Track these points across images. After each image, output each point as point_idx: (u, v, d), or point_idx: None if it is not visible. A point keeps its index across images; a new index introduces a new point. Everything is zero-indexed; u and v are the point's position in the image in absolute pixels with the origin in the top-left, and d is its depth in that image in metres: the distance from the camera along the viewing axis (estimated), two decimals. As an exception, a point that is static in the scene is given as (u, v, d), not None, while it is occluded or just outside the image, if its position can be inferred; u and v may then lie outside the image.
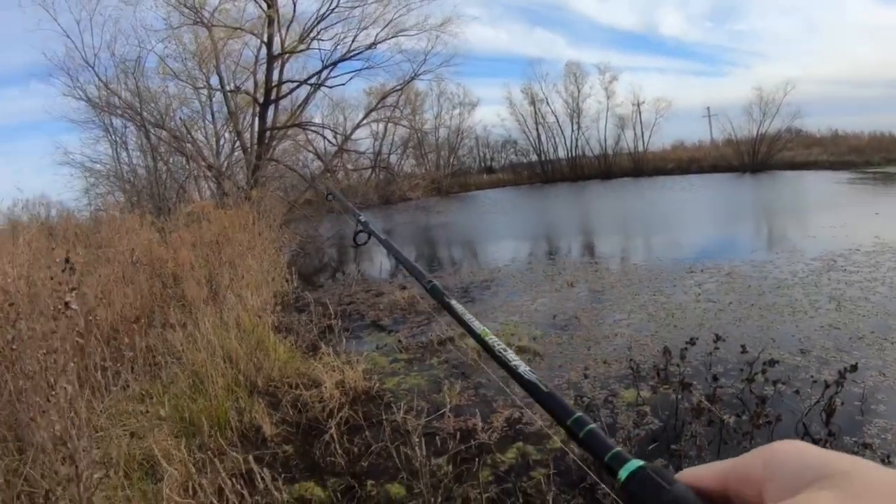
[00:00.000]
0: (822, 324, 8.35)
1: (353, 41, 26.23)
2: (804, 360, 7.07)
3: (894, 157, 45.79)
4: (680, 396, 6.09)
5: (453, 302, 0.93)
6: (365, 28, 26.34)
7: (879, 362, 6.84)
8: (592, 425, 0.60)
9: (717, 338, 7.19)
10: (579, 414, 0.61)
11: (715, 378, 6.41)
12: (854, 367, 6.12)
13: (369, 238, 1.91)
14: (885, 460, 3.97)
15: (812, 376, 6.54)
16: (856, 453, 4.52)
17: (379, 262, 17.75)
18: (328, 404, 6.29)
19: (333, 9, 24.78)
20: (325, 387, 6.52)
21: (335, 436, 5.48)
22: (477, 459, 5.03)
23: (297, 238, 19.92)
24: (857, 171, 39.74)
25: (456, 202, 39.73)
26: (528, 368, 0.76)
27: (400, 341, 8.74)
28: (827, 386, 5.84)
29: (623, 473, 0.53)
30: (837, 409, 5.38)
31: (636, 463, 0.53)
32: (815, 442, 4.74)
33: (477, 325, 0.93)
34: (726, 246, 15.74)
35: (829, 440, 4.84)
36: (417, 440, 4.91)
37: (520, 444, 5.42)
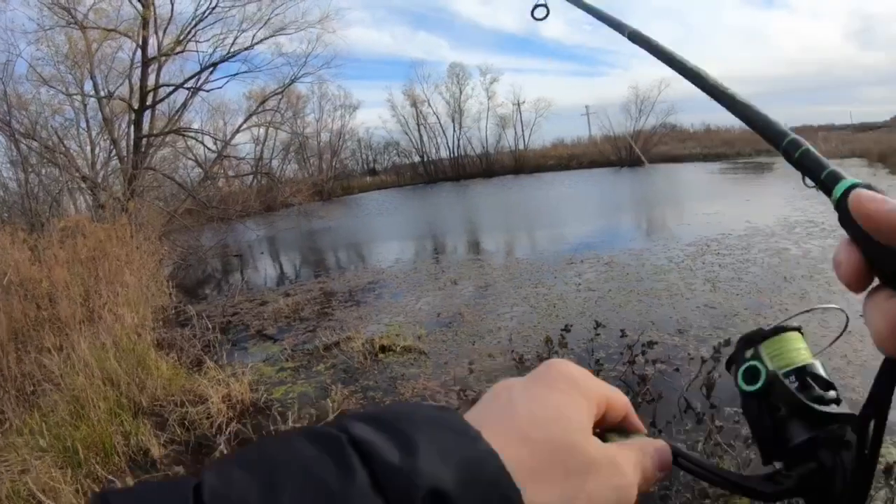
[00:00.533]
0: (699, 304, 8.82)
1: (232, 43, 25.79)
2: (682, 340, 7.44)
3: (763, 148, 47.97)
4: None
5: (659, 43, 0.93)
6: (244, 30, 25.95)
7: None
8: (807, 146, 0.60)
9: (598, 324, 7.53)
10: (793, 135, 0.62)
11: (598, 362, 6.70)
12: (727, 342, 6.56)
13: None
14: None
15: (690, 354, 6.91)
16: (737, 423, 4.85)
17: (263, 270, 17.60)
18: (216, 420, 6.21)
19: (212, 9, 24.29)
20: (212, 402, 6.42)
21: (225, 451, 5.46)
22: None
23: (177, 249, 19.38)
24: (728, 162, 41.93)
25: (339, 206, 39.53)
26: (741, 94, 0.74)
27: (286, 349, 8.66)
28: (704, 361, 6.19)
29: (839, 189, 0.53)
30: (717, 383, 5.69)
31: (853, 180, 0.53)
32: (699, 418, 5.06)
33: (687, 61, 0.88)
34: (605, 237, 16.23)
35: (711, 412, 5.09)
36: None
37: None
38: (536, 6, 1.51)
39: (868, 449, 0.55)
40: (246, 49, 26.26)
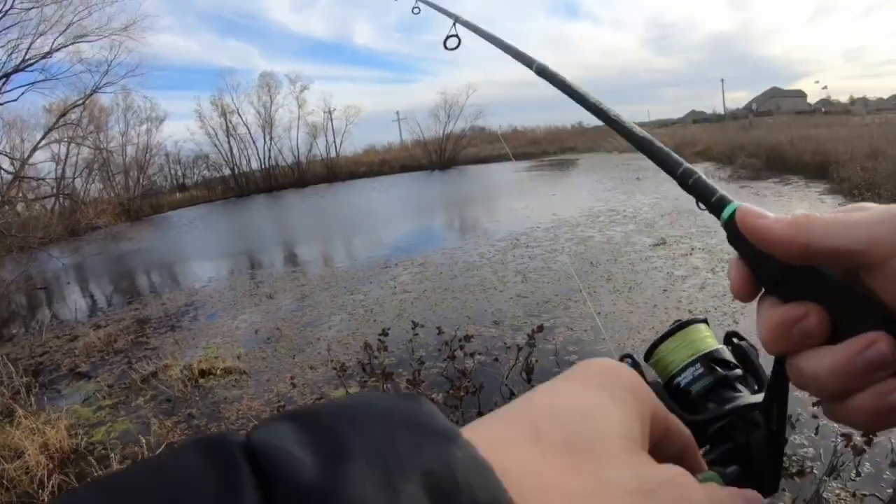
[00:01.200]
0: (511, 295, 9.38)
1: (28, 48, 24.39)
2: (498, 331, 7.91)
3: (567, 146, 51.17)
4: (387, 385, 6.43)
5: (566, 79, 0.97)
6: (42, 34, 24.57)
7: (567, 319, 7.93)
8: (699, 174, 0.62)
9: (416, 324, 7.77)
10: (686, 165, 0.65)
11: (420, 361, 6.90)
12: (540, 328, 6.90)
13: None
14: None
15: (507, 343, 7.36)
16: None
17: (72, 301, 16.86)
18: (36, 473, 5.87)
19: (7, 11, 22.75)
20: (29, 454, 6.08)
21: (51, 508, 5.30)
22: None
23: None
24: (535, 160, 43.58)
25: (149, 226, 38.25)
26: (640, 129, 0.76)
27: (102, 387, 8.40)
28: (520, 349, 6.58)
29: (727, 212, 0.55)
30: (535, 367, 6.11)
31: (738, 203, 0.54)
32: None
33: (590, 97, 0.89)
34: (418, 239, 16.68)
35: None
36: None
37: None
38: (448, 37, 1.49)
39: (775, 426, 0.61)
40: (44, 56, 25.00)
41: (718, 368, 0.72)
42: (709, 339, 0.75)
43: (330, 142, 62.46)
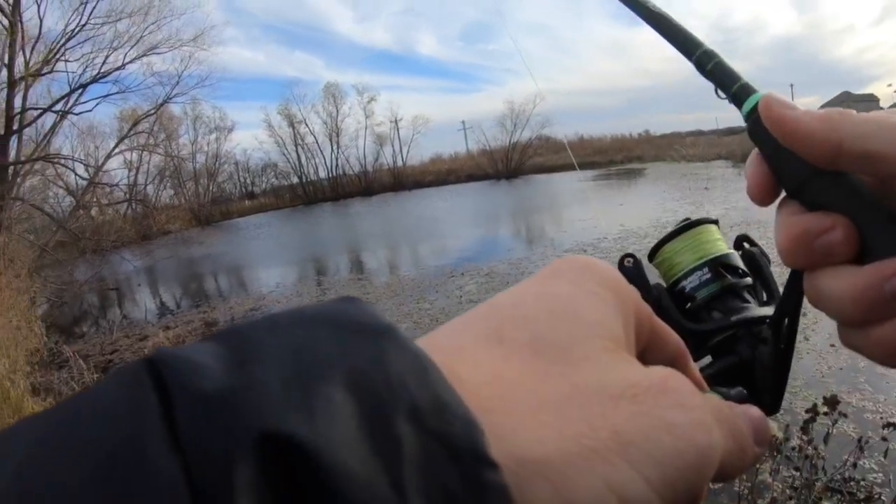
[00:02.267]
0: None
1: (102, 62, 25.08)
2: None
3: (634, 155, 50.67)
4: None
5: None
6: (115, 48, 25.27)
7: None
8: (720, 58, 0.57)
9: None
10: (707, 47, 0.58)
11: None
12: None
13: None
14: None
15: None
16: None
17: (142, 303, 17.13)
18: None
19: (83, 26, 23.56)
20: None
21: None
22: None
23: (50, 286, 18.48)
24: (602, 170, 43.21)
25: (218, 231, 38.69)
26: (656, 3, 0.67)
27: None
28: None
29: (750, 102, 0.50)
30: None
31: (761, 95, 0.49)
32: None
33: None
34: (484, 248, 16.55)
35: None
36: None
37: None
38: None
39: (783, 343, 0.57)
40: (117, 69, 25.74)
41: (727, 275, 0.68)
42: (719, 242, 0.71)
43: (396, 151, 62.84)
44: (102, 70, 25.21)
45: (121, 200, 32.28)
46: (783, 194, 0.48)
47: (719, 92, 0.56)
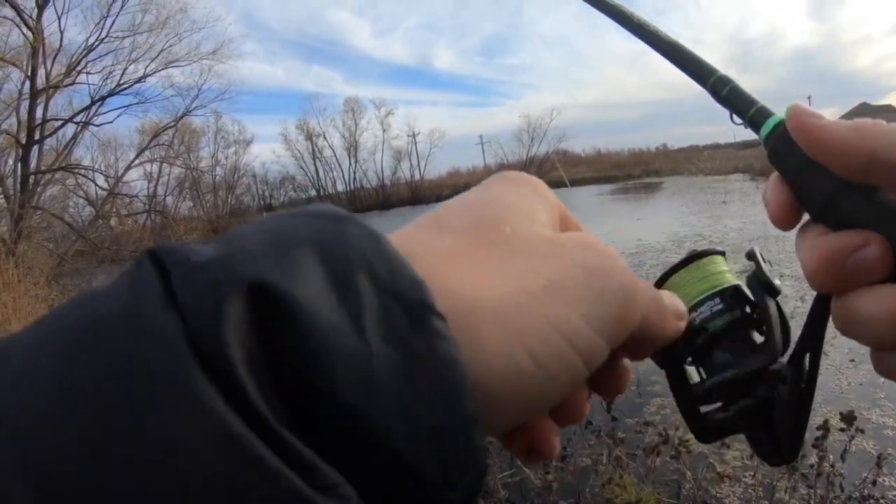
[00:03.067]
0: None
1: (122, 74, 25.29)
2: None
3: (652, 169, 50.54)
4: None
5: None
6: (135, 60, 25.50)
7: None
8: (734, 83, 0.57)
9: None
10: (720, 73, 0.59)
11: None
12: None
13: None
14: (662, 433, 4.37)
15: None
16: (639, 433, 4.99)
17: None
18: None
19: (103, 39, 23.81)
20: None
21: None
22: None
23: (69, 294, 18.52)
24: (619, 184, 43.13)
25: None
26: (666, 33, 0.69)
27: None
28: None
29: (768, 126, 0.50)
30: (617, 397, 5.86)
31: (780, 116, 0.49)
32: (598, 432, 5.19)
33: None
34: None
35: (613, 423, 5.19)
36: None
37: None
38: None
39: (804, 382, 0.54)
40: (137, 81, 25.91)
41: (738, 307, 0.63)
42: (728, 274, 0.67)
43: (414, 165, 63.03)
44: (122, 82, 25.38)
45: (140, 211, 32.37)
46: (805, 218, 0.47)
47: (735, 118, 0.56)
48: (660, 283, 0.68)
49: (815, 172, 0.43)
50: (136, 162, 32.34)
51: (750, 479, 4.19)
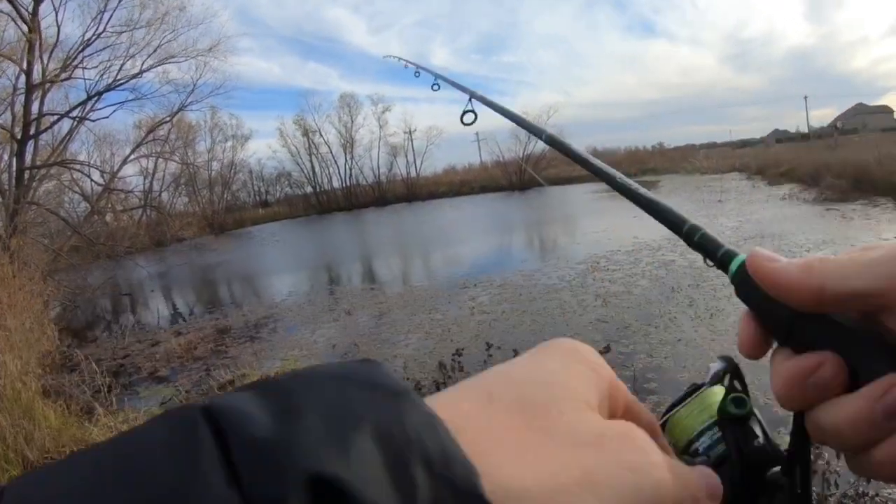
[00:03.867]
0: (591, 320, 9.14)
1: (119, 69, 25.22)
2: None
3: (648, 168, 50.85)
4: None
5: (572, 147, 1.01)
6: (132, 56, 25.42)
7: (646, 346, 7.63)
8: (704, 230, 0.62)
9: (490, 346, 7.78)
10: (692, 222, 0.63)
11: None
12: (607, 349, 7.13)
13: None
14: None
15: None
16: None
17: (155, 308, 17.22)
18: None
19: (100, 34, 23.68)
20: None
21: None
22: None
23: (63, 289, 18.50)
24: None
25: (232, 239, 38.99)
26: (646, 190, 0.77)
27: (180, 391, 8.49)
28: None
29: (734, 265, 0.53)
30: None
31: (744, 256, 0.52)
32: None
33: (598, 161, 0.93)
34: (497, 259, 16.57)
35: None
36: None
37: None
38: (465, 112, 1.56)
39: (800, 488, 0.57)
40: (134, 77, 25.83)
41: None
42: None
43: (410, 162, 63.10)
44: (119, 77, 25.31)
45: (136, 206, 32.32)
46: (775, 345, 0.50)
47: (707, 261, 0.60)
48: (664, 421, 0.71)
49: (775, 305, 0.47)
50: (132, 157, 32.36)
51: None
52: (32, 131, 21.76)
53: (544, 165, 51.41)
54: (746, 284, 0.50)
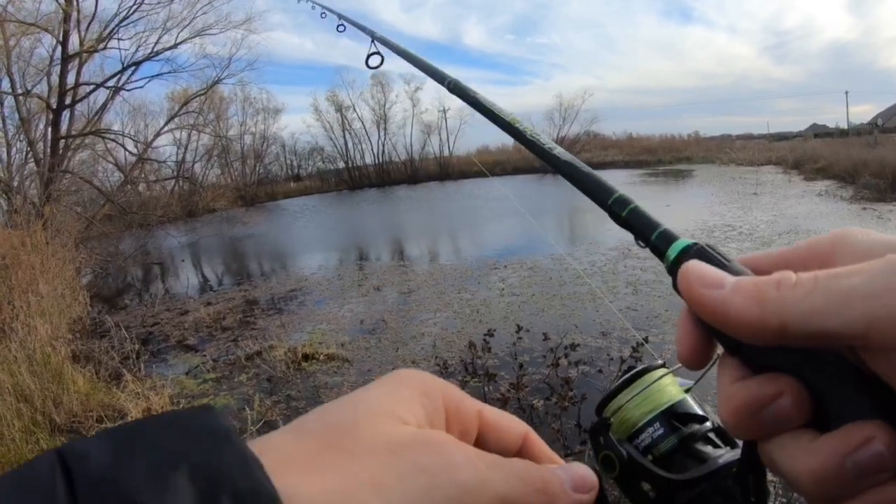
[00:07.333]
0: (621, 307, 9.03)
1: (156, 42, 25.34)
2: (605, 342, 7.60)
3: (683, 156, 50.21)
4: (488, 388, 6.34)
5: (478, 95, 0.94)
6: (168, 29, 25.52)
7: (674, 336, 7.54)
8: (635, 203, 0.56)
9: (520, 328, 7.54)
10: (620, 193, 0.57)
11: (521, 367, 6.73)
12: (646, 340, 6.89)
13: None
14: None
15: (612, 356, 7.05)
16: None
17: (184, 278, 17.30)
18: None
19: (138, 6, 23.78)
20: (131, 417, 6.17)
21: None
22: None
23: (95, 257, 18.73)
24: (649, 169, 42.89)
25: (263, 212, 39.06)
26: (563, 150, 0.71)
27: (207, 360, 8.54)
28: (623, 361, 6.39)
29: (672, 252, 0.48)
30: (568, 391, 5.80)
31: (686, 241, 0.48)
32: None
33: (505, 113, 0.85)
34: (528, 243, 16.37)
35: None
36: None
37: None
38: (370, 55, 1.57)
39: (754, 496, 0.51)
40: (169, 49, 25.98)
41: (681, 426, 0.63)
42: (669, 387, 0.67)
43: (443, 140, 62.89)
44: (155, 49, 25.43)
45: (168, 177, 32.60)
46: (719, 352, 0.43)
47: (639, 242, 0.54)
48: (602, 406, 0.68)
49: None
50: (166, 129, 32.47)
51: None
52: (68, 101, 22.00)
53: (578, 149, 51.17)
54: None
